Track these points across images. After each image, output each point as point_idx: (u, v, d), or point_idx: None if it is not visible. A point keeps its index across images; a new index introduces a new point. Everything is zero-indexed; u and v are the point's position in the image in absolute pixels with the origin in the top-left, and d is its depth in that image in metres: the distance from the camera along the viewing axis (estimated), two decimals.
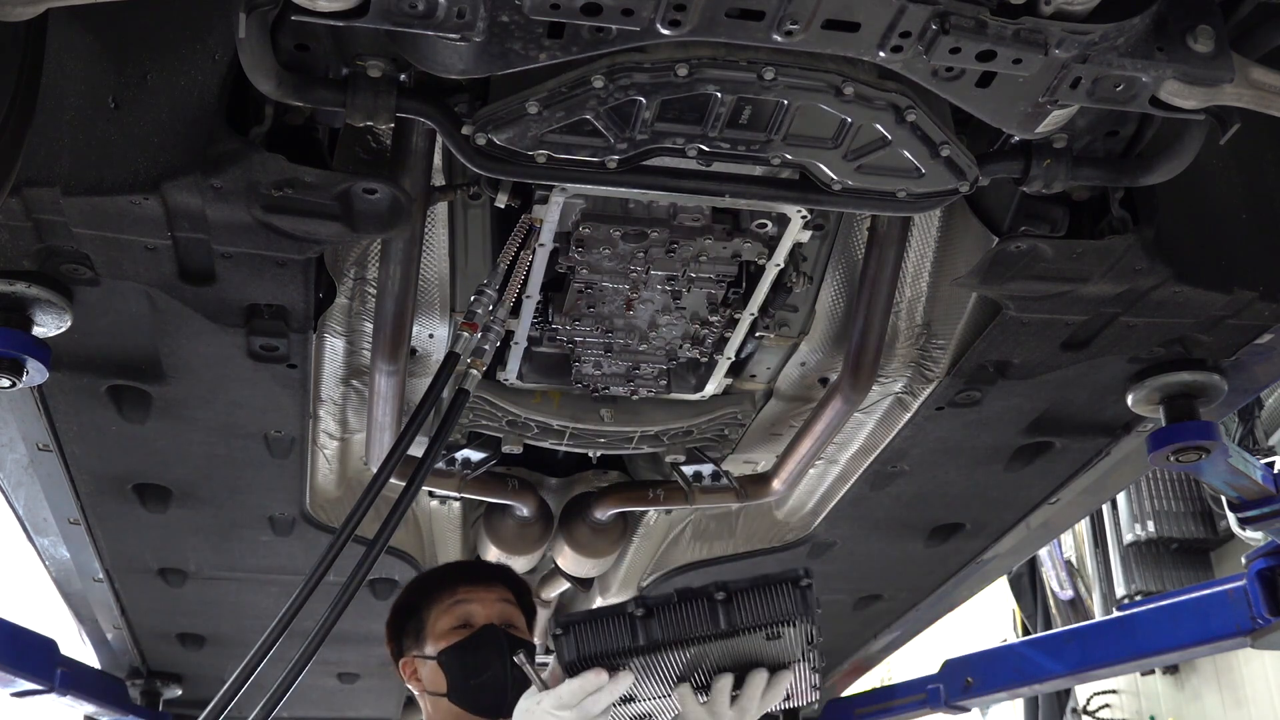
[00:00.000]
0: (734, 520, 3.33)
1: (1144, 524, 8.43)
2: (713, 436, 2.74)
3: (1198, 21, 1.50)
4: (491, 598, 2.46)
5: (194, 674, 4.30)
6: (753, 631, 1.90)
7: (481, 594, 2.46)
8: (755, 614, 1.89)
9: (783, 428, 2.81)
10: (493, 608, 2.45)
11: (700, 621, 1.89)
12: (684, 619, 1.89)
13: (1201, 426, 2.39)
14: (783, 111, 1.64)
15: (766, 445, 2.89)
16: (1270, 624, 3.34)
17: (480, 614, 2.44)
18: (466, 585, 2.45)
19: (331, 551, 1.96)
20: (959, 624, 6.16)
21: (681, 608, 1.89)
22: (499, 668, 2.38)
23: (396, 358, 2.24)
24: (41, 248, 1.92)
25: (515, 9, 1.40)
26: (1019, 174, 1.85)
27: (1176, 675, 9.01)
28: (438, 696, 2.40)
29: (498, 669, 2.38)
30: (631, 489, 2.97)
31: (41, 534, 3.15)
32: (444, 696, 2.39)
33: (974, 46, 1.44)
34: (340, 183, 1.79)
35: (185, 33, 1.72)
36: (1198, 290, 2.11)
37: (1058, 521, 3.30)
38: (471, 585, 2.46)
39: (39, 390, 2.36)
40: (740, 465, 2.99)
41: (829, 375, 2.60)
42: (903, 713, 4.55)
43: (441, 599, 2.45)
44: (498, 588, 2.51)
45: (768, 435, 2.85)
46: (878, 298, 2.27)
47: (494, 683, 2.37)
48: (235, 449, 2.63)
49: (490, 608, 2.45)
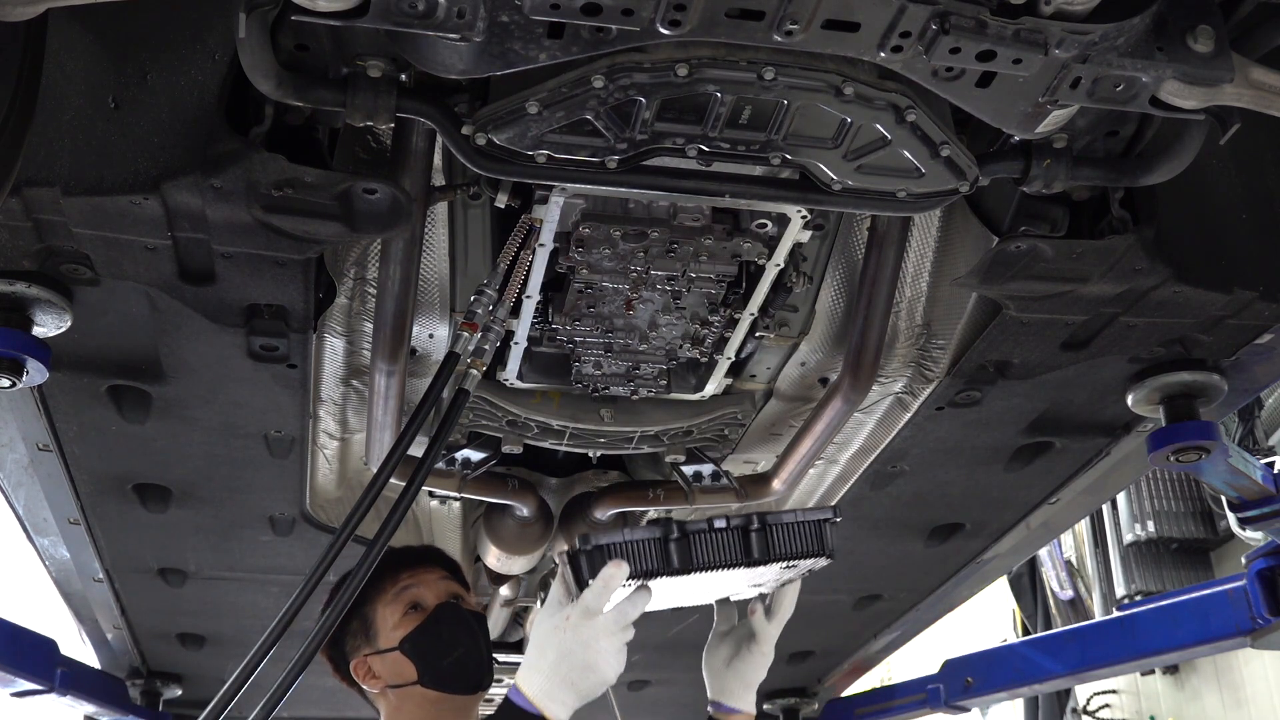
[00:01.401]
0: None
1: (1144, 524, 8.44)
2: (713, 436, 2.74)
3: (1198, 21, 1.50)
4: (434, 578, 2.42)
5: (194, 674, 4.30)
6: (775, 562, 1.97)
7: (424, 576, 2.41)
8: (784, 548, 1.96)
9: (783, 428, 2.81)
10: (438, 587, 2.40)
11: (729, 550, 1.92)
12: (713, 546, 1.91)
13: (1201, 426, 2.39)
14: (783, 111, 1.64)
15: (766, 445, 2.89)
16: (1270, 624, 3.34)
17: (429, 595, 2.38)
18: (408, 571, 2.40)
19: (331, 551, 1.96)
20: (959, 624, 6.16)
21: (712, 536, 1.92)
22: (469, 642, 2.35)
23: (396, 358, 2.23)
24: (41, 248, 1.92)
25: (515, 9, 1.40)
26: (1019, 174, 1.85)
27: (1176, 675, 9.02)
28: (406, 687, 2.33)
29: (468, 643, 2.35)
30: (631, 489, 2.97)
31: (41, 534, 3.15)
32: (415, 685, 2.32)
33: (974, 46, 1.43)
34: (340, 183, 1.79)
35: (185, 33, 1.72)
36: (1198, 290, 2.11)
37: (1058, 521, 3.30)
38: (412, 570, 2.41)
39: (39, 390, 2.36)
40: (740, 465, 2.99)
41: (829, 375, 2.60)
42: (903, 713, 4.55)
43: (384, 590, 2.38)
44: (436, 568, 2.46)
45: (768, 435, 2.85)
46: (878, 298, 2.27)
47: (468, 658, 2.34)
48: (235, 449, 2.62)
49: (436, 587, 2.40)
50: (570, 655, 1.86)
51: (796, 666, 4.40)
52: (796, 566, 2.04)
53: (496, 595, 3.66)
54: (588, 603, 1.87)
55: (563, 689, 1.86)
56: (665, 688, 4.52)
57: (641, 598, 1.91)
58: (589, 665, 1.86)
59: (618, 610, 1.88)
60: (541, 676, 1.87)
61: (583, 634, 1.86)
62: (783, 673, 4.46)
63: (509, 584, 3.53)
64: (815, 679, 4.62)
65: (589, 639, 1.86)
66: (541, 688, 1.86)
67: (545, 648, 1.88)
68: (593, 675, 1.86)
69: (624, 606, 1.89)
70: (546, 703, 1.85)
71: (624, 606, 1.89)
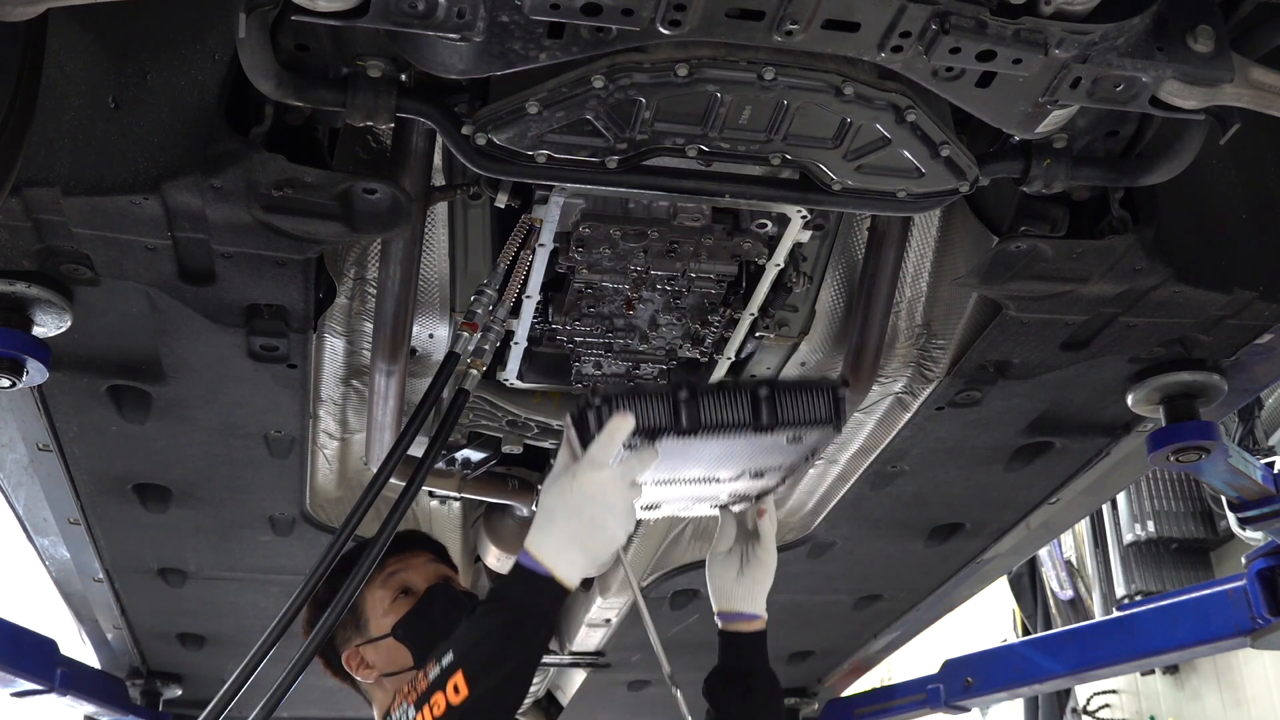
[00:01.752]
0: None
1: (1144, 524, 8.44)
2: None
3: (1198, 21, 1.50)
4: (421, 561, 2.38)
5: (194, 674, 4.29)
6: (781, 430, 1.91)
7: (411, 560, 2.37)
8: (793, 412, 1.89)
9: None
10: (427, 570, 2.37)
11: (737, 410, 1.86)
12: (722, 406, 1.86)
13: (1201, 426, 2.39)
14: (783, 111, 1.64)
15: None
16: (1270, 624, 3.34)
17: (418, 579, 2.35)
18: (394, 557, 2.36)
19: (332, 551, 1.96)
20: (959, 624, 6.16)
21: (723, 396, 1.86)
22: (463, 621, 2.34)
23: (396, 358, 2.23)
24: (41, 248, 1.92)
25: (515, 9, 1.40)
26: (1019, 174, 1.85)
27: (1176, 675, 9.02)
28: (402, 674, 2.28)
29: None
30: None
31: (41, 534, 3.15)
32: (410, 670, 2.26)
33: (974, 46, 1.43)
34: (340, 183, 1.79)
35: (185, 33, 1.72)
36: (1198, 290, 2.11)
37: (1058, 521, 3.30)
38: (399, 555, 2.37)
39: (39, 390, 2.36)
40: None
41: (829, 375, 2.60)
42: (903, 713, 4.55)
43: (371, 579, 2.31)
44: (423, 552, 2.43)
45: None
46: (878, 298, 2.27)
47: None
48: (235, 449, 2.62)
49: (424, 570, 2.37)
50: (578, 512, 1.78)
51: (796, 666, 4.40)
52: (802, 441, 1.97)
53: None
54: (593, 455, 1.79)
55: (571, 547, 1.78)
56: (665, 688, 4.51)
57: (648, 454, 1.83)
58: (596, 521, 1.78)
59: (624, 465, 1.81)
60: (549, 537, 1.79)
61: (588, 488, 1.79)
62: (783, 673, 4.43)
63: None
64: (815, 679, 4.62)
65: (595, 493, 1.78)
66: (550, 547, 1.78)
67: (553, 510, 1.81)
68: (601, 533, 1.79)
69: (630, 462, 1.82)
70: (556, 560, 1.77)
71: (630, 462, 1.82)
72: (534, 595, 1.76)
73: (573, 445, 1.84)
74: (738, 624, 2.18)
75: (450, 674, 1.72)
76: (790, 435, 1.93)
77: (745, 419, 1.87)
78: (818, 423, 1.93)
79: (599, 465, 1.78)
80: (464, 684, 1.71)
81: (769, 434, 1.90)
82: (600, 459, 1.78)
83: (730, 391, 1.87)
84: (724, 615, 2.19)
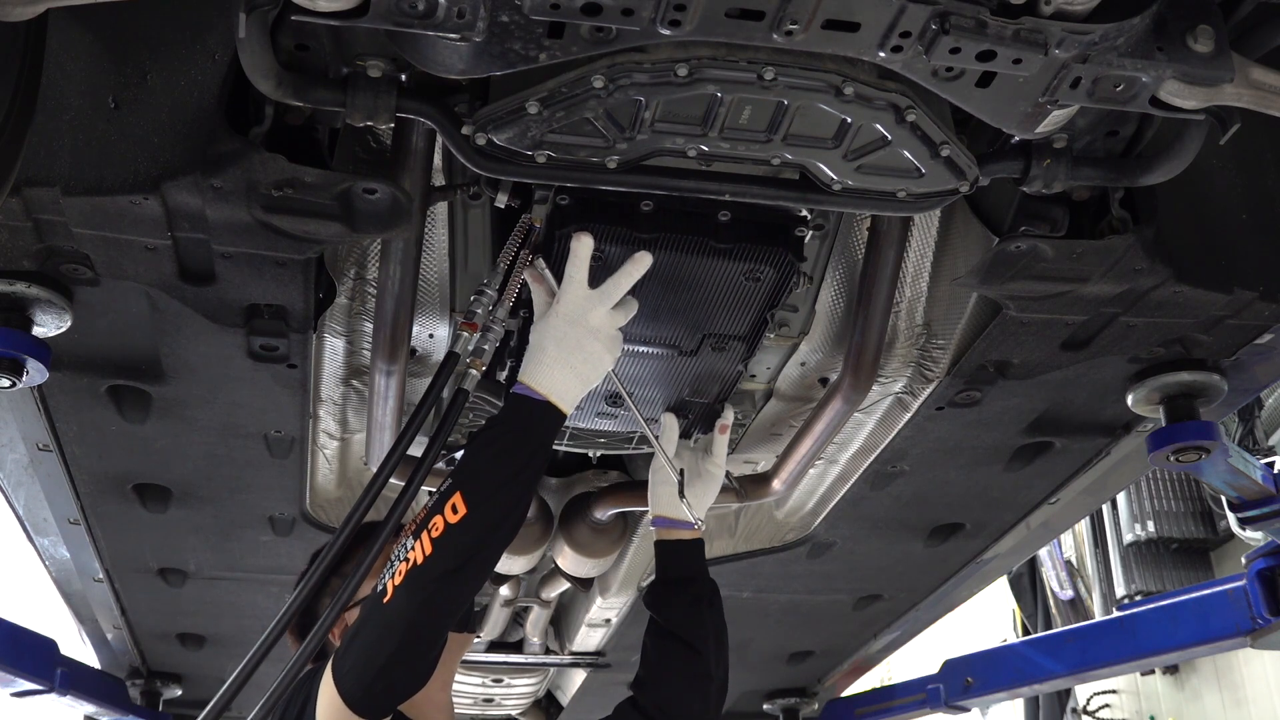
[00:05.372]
0: (734, 520, 3.33)
1: (1144, 524, 8.45)
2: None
3: (1198, 21, 1.50)
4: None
5: (194, 674, 4.29)
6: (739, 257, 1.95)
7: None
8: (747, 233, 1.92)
9: (783, 428, 2.81)
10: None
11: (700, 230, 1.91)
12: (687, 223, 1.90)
13: (1201, 426, 2.39)
14: (783, 111, 1.65)
15: (767, 445, 2.89)
16: (1270, 624, 3.34)
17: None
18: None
19: (331, 551, 1.95)
20: (959, 624, 6.17)
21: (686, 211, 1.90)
22: None
23: (396, 358, 2.24)
24: (41, 248, 1.92)
25: (515, 9, 1.40)
26: (1019, 174, 1.85)
27: (1176, 675, 9.02)
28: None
29: None
30: (631, 489, 2.97)
31: (41, 534, 3.15)
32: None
33: (974, 46, 1.44)
34: (340, 183, 1.79)
35: (185, 33, 1.72)
36: (1198, 290, 2.10)
37: (1058, 521, 3.30)
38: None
39: (39, 390, 2.36)
40: (740, 465, 2.98)
41: (829, 375, 2.60)
42: (903, 713, 4.55)
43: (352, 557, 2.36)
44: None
45: (768, 435, 2.85)
46: (878, 298, 2.27)
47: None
48: (235, 449, 2.62)
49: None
50: (564, 339, 1.84)
51: (796, 666, 4.40)
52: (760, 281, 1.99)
53: (496, 595, 3.65)
54: (567, 281, 1.84)
55: (561, 370, 1.83)
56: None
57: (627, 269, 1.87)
58: (582, 345, 1.84)
59: (602, 289, 1.86)
60: (540, 366, 1.84)
61: (572, 313, 1.84)
62: (783, 673, 4.46)
63: (509, 584, 3.53)
64: (815, 679, 4.62)
65: (576, 317, 1.84)
66: (542, 374, 1.83)
67: (541, 343, 1.86)
68: (588, 356, 1.84)
69: (608, 287, 1.86)
70: (550, 386, 1.82)
71: (608, 287, 1.86)
72: (529, 419, 1.82)
73: (546, 278, 1.91)
74: (676, 531, 2.21)
75: (449, 496, 1.76)
76: (747, 270, 1.97)
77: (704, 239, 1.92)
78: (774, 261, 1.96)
79: (575, 287, 1.84)
80: (462, 504, 1.74)
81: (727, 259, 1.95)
82: (575, 282, 1.84)
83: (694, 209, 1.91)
84: (661, 521, 2.21)
